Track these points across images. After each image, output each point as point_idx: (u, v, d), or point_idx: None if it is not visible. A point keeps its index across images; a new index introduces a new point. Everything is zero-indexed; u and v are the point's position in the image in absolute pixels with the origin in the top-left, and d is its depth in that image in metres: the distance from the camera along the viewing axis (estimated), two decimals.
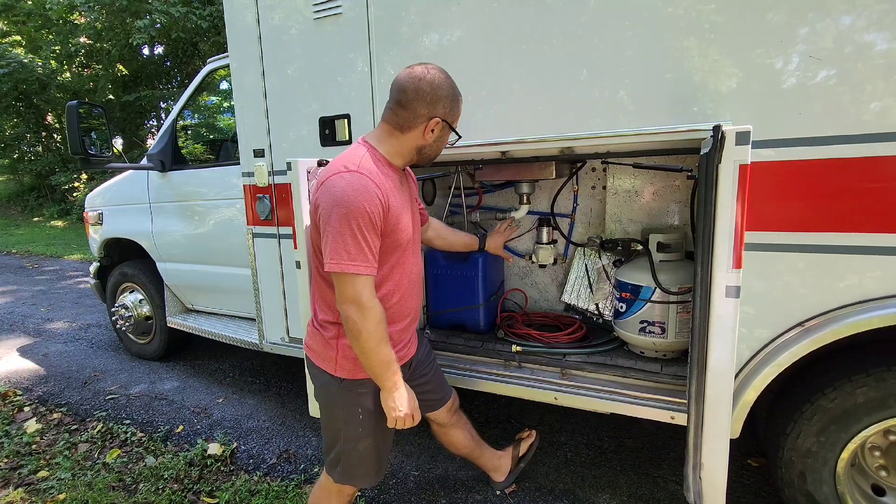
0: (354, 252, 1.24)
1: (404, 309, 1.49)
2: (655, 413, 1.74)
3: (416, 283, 1.54)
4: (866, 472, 1.63)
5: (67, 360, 3.90)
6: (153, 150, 3.25)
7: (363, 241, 1.25)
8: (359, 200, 1.24)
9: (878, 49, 1.30)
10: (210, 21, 10.27)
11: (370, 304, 1.28)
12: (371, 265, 1.28)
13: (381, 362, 1.32)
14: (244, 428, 2.77)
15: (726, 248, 1.23)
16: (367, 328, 1.27)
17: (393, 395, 1.37)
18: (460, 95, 1.43)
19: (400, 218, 1.36)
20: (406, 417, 1.40)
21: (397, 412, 1.38)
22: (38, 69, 12.42)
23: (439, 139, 1.43)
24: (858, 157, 1.35)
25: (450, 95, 1.38)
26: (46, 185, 14.96)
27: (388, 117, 1.40)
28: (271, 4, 2.22)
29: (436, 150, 1.45)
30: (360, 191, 1.25)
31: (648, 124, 1.57)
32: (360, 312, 1.27)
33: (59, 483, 2.31)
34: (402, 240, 1.39)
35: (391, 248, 1.37)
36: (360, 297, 1.27)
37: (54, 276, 7.36)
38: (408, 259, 1.46)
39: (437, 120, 1.36)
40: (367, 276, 1.27)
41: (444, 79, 1.37)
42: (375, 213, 1.26)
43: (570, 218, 2.41)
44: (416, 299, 1.55)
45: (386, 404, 1.40)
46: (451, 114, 1.40)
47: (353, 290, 1.26)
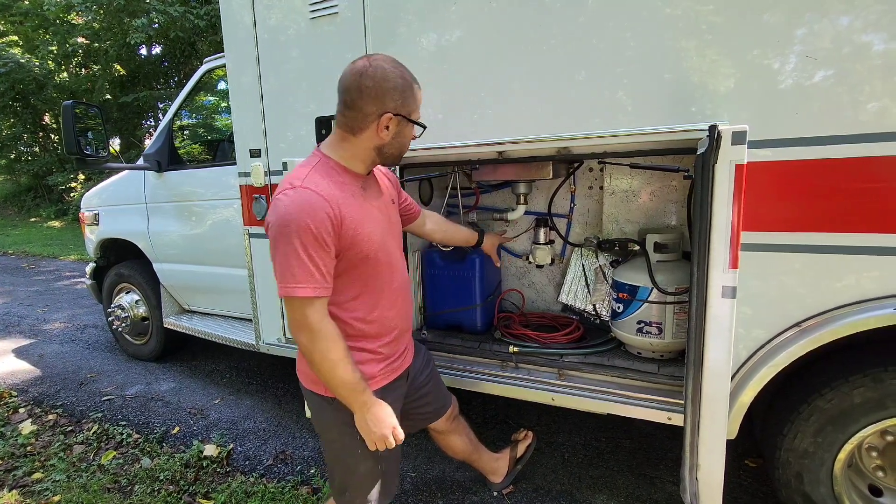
0: (300, 273, 1.17)
1: (387, 322, 1.41)
2: (652, 414, 1.74)
3: (399, 292, 1.44)
4: (863, 472, 1.63)
5: (63, 361, 3.89)
6: (149, 151, 3.24)
7: (309, 261, 1.17)
8: (301, 218, 1.15)
9: (876, 49, 1.30)
10: (208, 20, 10.25)
11: (319, 326, 1.20)
12: (320, 286, 1.20)
13: (342, 384, 1.24)
14: (240, 429, 2.76)
15: (722, 249, 1.23)
16: (320, 351, 1.21)
17: (365, 416, 1.29)
18: (415, 83, 1.30)
19: (359, 228, 1.26)
20: (386, 438, 1.31)
21: (374, 434, 1.29)
22: (35, 69, 12.39)
23: (399, 135, 1.30)
24: (856, 157, 1.34)
25: (398, 86, 1.25)
26: (43, 186, 14.91)
27: (339, 121, 1.30)
28: (268, 3, 2.21)
29: (398, 147, 1.33)
30: (303, 207, 1.16)
31: (647, 124, 1.57)
32: (310, 336, 1.21)
33: (54, 485, 2.30)
34: (368, 250, 1.29)
35: (356, 261, 1.29)
36: (308, 320, 1.19)
37: (51, 276, 7.34)
38: (381, 269, 1.36)
39: (388, 116, 1.24)
40: (316, 297, 1.19)
41: (390, 69, 1.24)
42: (322, 228, 1.17)
43: (568, 218, 2.40)
44: (400, 309, 1.46)
45: (360, 427, 1.32)
46: (404, 106, 1.27)
47: (300, 314, 1.20)
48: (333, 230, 1.20)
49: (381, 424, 1.29)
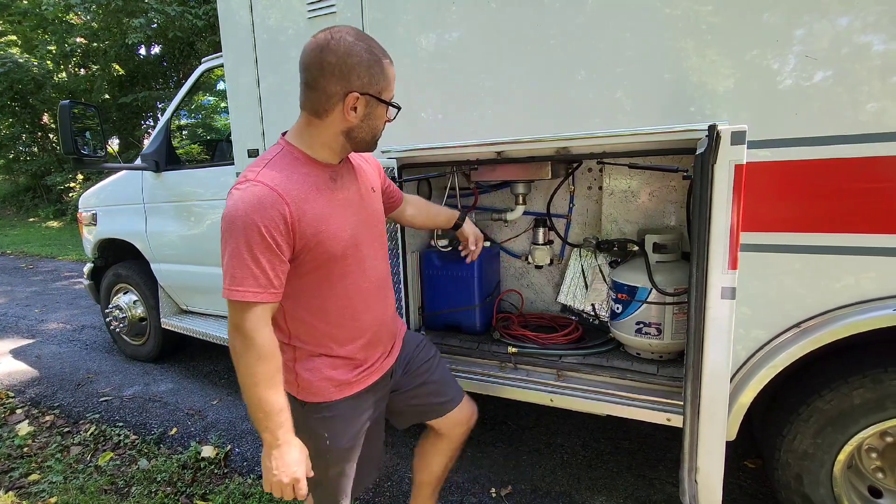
0: (241, 275, 1.06)
1: (361, 325, 1.29)
2: (652, 415, 1.73)
3: (374, 292, 1.32)
4: (863, 473, 1.62)
5: (61, 362, 3.87)
6: (147, 151, 3.23)
7: (253, 263, 1.06)
8: (249, 216, 1.04)
9: (875, 50, 1.30)
10: (206, 20, 10.23)
11: (253, 334, 1.08)
12: (263, 290, 1.08)
13: (258, 405, 1.10)
14: (238, 430, 2.75)
15: (722, 250, 1.22)
16: (246, 362, 1.09)
17: (271, 452, 1.13)
18: (382, 57, 1.15)
19: (322, 225, 1.14)
20: (284, 487, 1.14)
21: (272, 475, 1.13)
22: (34, 69, 12.37)
23: (369, 117, 1.16)
24: (855, 157, 1.34)
25: (364, 61, 1.10)
26: (42, 186, 14.89)
27: (303, 103, 1.17)
28: (266, 3, 2.21)
29: (371, 130, 1.19)
30: (252, 205, 1.05)
31: (646, 124, 1.56)
32: (242, 343, 1.09)
33: (50, 486, 2.29)
34: (335, 248, 1.17)
35: (322, 260, 1.17)
36: (243, 326, 1.08)
37: (49, 276, 7.32)
38: (350, 268, 1.23)
39: (354, 95, 1.11)
40: (257, 302, 1.08)
41: (354, 41, 1.10)
42: (273, 228, 1.06)
43: (567, 218, 2.40)
44: (377, 311, 1.34)
45: (263, 463, 1.17)
46: (373, 84, 1.13)
47: (235, 317, 1.09)
48: (288, 230, 1.08)
49: (284, 469, 1.13)
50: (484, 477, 2.24)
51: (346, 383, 1.29)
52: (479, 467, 2.31)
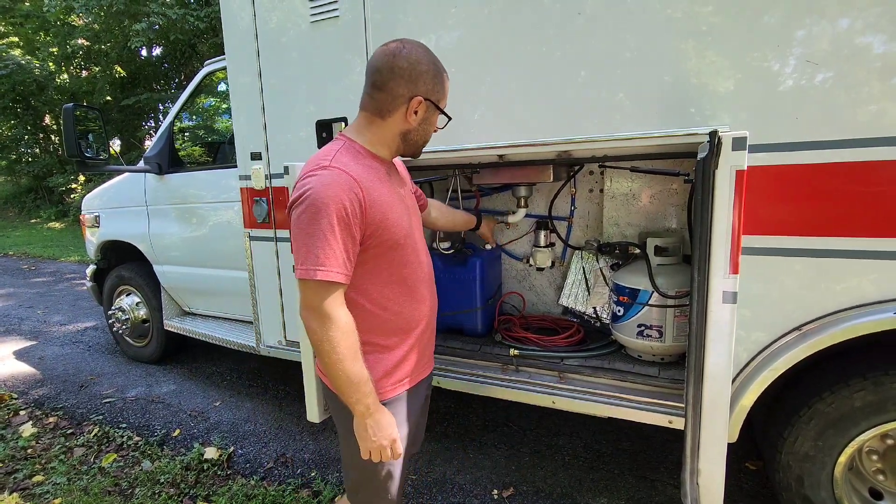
0: (324, 256, 1.10)
1: (418, 315, 1.33)
2: (653, 417, 1.74)
3: (428, 283, 1.38)
4: (864, 475, 1.63)
5: (64, 364, 3.89)
6: (150, 153, 3.24)
7: (334, 243, 1.10)
8: (329, 197, 1.09)
9: (876, 52, 1.30)
10: (208, 22, 10.26)
11: (334, 314, 1.12)
12: (342, 271, 1.12)
13: (347, 381, 1.15)
14: (241, 432, 2.76)
15: (723, 254, 1.23)
16: (329, 340, 1.12)
17: (366, 421, 1.19)
18: (445, 72, 1.26)
19: (388, 213, 1.20)
20: (382, 449, 1.21)
21: (371, 442, 1.20)
22: (36, 70, 12.41)
23: (425, 122, 1.26)
24: (855, 161, 1.35)
25: (431, 71, 1.21)
26: (44, 187, 14.93)
27: (366, 104, 1.24)
28: (269, 7, 2.22)
29: (423, 135, 1.28)
30: (332, 186, 1.10)
31: (646, 126, 1.57)
32: (322, 323, 1.12)
33: (54, 488, 2.30)
34: (398, 236, 1.23)
35: (385, 248, 1.22)
36: (322, 305, 1.12)
37: (51, 278, 7.34)
38: (410, 258, 1.28)
39: (419, 99, 1.20)
40: (338, 283, 1.12)
41: (424, 53, 1.21)
42: (350, 210, 1.11)
43: (568, 221, 2.40)
44: (429, 302, 1.38)
45: (358, 433, 1.22)
46: (434, 92, 1.23)
47: (317, 299, 1.12)
48: (362, 213, 1.14)
49: (381, 433, 1.20)
50: (485, 478, 2.25)
51: (399, 381, 1.31)
52: (480, 469, 2.32)
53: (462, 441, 2.56)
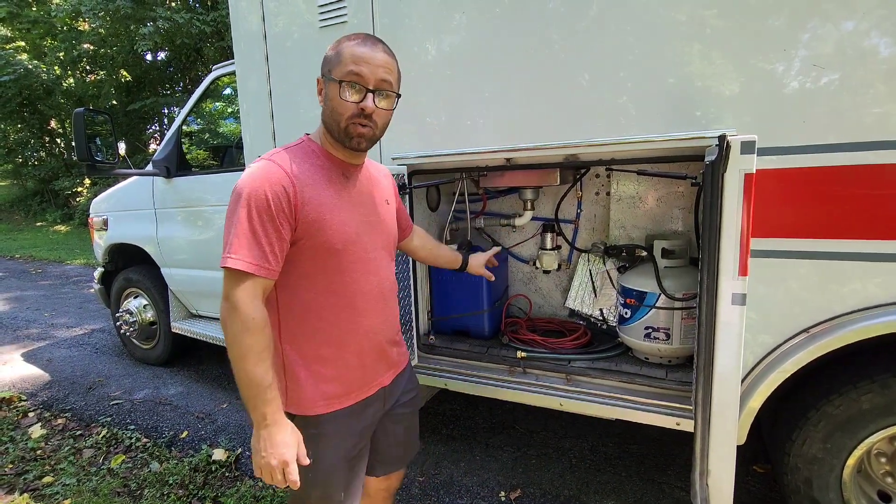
0: (240, 245, 1.05)
1: (357, 329, 1.24)
2: (661, 419, 1.74)
3: (376, 298, 1.26)
4: (872, 478, 1.63)
5: (72, 366, 3.91)
6: (158, 157, 3.27)
7: (252, 234, 1.06)
8: (252, 188, 1.06)
9: (882, 55, 1.31)
10: (214, 26, 10.33)
11: (244, 306, 1.05)
12: (260, 264, 1.06)
13: (247, 382, 1.06)
14: (248, 434, 2.77)
15: (732, 256, 1.24)
16: (234, 332, 1.05)
17: (259, 433, 1.08)
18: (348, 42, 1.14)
19: (326, 214, 1.13)
20: (273, 470, 1.08)
21: (260, 458, 1.08)
22: (43, 75, 12.51)
23: (326, 98, 1.16)
24: (863, 164, 1.36)
25: (331, 49, 1.15)
26: (49, 190, 15.02)
27: None
28: (277, 12, 2.24)
29: (328, 110, 1.16)
30: (258, 178, 1.07)
31: (651, 129, 1.58)
32: (231, 314, 1.06)
33: (64, 489, 2.32)
34: (337, 241, 1.15)
35: (323, 250, 1.15)
36: (235, 296, 1.05)
37: (57, 280, 7.38)
38: (351, 266, 1.19)
39: (318, 79, 1.18)
40: (252, 274, 1.06)
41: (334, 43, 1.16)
42: (274, 202, 1.06)
43: (574, 224, 2.42)
44: (375, 319, 1.27)
45: (252, 445, 1.11)
46: (326, 65, 1.15)
47: (228, 287, 1.07)
48: (290, 208, 1.08)
49: (273, 450, 1.07)
50: (493, 480, 2.25)
51: (334, 396, 1.22)
52: (487, 471, 2.33)
53: (469, 443, 2.57)
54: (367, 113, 1.12)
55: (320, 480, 1.22)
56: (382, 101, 1.15)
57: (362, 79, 1.11)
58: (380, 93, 1.14)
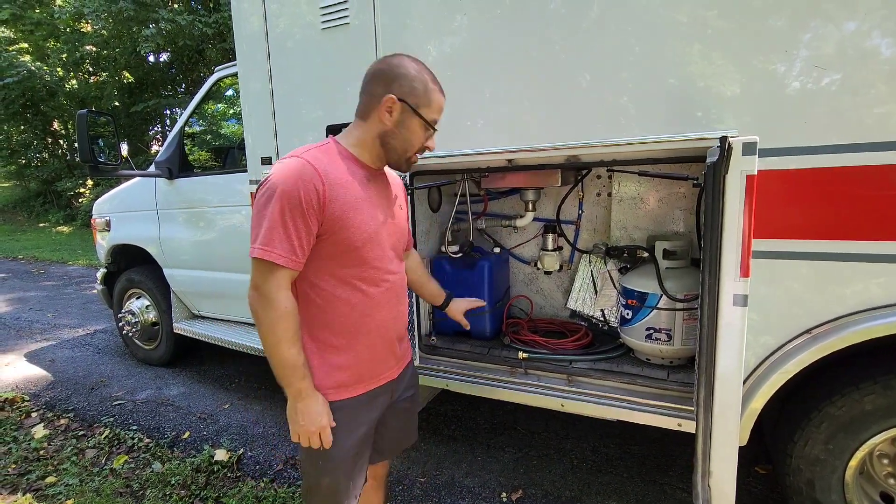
0: (273, 238, 1.12)
1: (369, 322, 1.29)
2: (662, 420, 1.74)
3: (388, 295, 1.33)
4: (875, 479, 1.63)
5: (74, 366, 3.92)
6: (161, 158, 3.28)
7: (283, 228, 1.12)
8: (287, 184, 1.12)
9: (883, 56, 1.31)
10: (216, 28, 10.36)
11: (275, 296, 1.14)
12: (290, 257, 1.14)
13: (281, 363, 1.17)
14: (250, 434, 2.78)
15: (734, 257, 1.24)
16: (268, 322, 1.15)
17: (296, 405, 1.21)
18: (431, 82, 1.24)
19: (351, 213, 1.19)
20: (311, 434, 1.21)
21: (299, 426, 1.21)
22: (46, 77, 12.56)
23: (401, 125, 1.23)
24: (864, 165, 1.35)
25: (410, 76, 1.21)
26: (52, 191, 15.08)
27: (356, 109, 1.29)
28: (279, 14, 2.25)
29: (401, 140, 1.25)
30: (292, 175, 1.13)
31: (652, 130, 1.58)
32: (263, 304, 1.15)
33: (66, 489, 2.32)
34: (358, 239, 1.21)
35: (344, 246, 1.21)
36: (266, 287, 1.14)
37: (60, 281, 7.40)
38: (370, 262, 1.26)
39: (392, 97, 1.19)
40: (283, 266, 1.14)
41: (412, 63, 1.23)
42: (305, 199, 1.12)
43: (576, 225, 2.42)
44: (385, 314, 1.33)
45: (289, 416, 1.23)
46: (412, 95, 1.21)
47: (261, 279, 1.15)
48: (320, 205, 1.15)
49: (309, 419, 1.20)
50: (494, 481, 2.25)
51: (346, 385, 1.28)
52: (489, 472, 2.33)
53: (470, 444, 2.57)
54: (428, 149, 1.31)
55: (330, 469, 1.29)
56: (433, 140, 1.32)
57: (436, 124, 1.28)
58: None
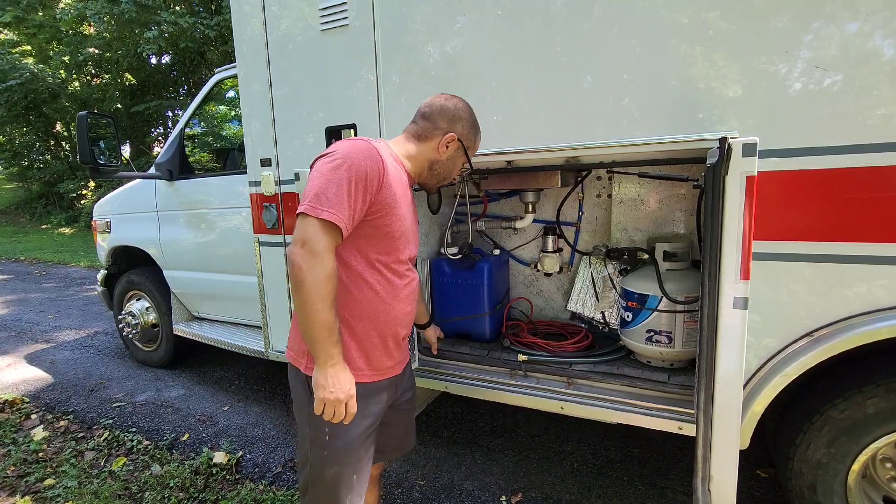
0: (334, 200, 1.15)
1: (390, 310, 1.34)
2: (663, 423, 1.73)
3: (410, 290, 1.40)
4: (878, 483, 1.61)
5: (74, 368, 3.92)
6: (161, 160, 3.28)
7: (346, 194, 1.16)
8: (356, 157, 1.19)
9: (885, 57, 1.30)
10: (217, 30, 10.39)
11: (323, 253, 1.14)
12: (343, 219, 1.16)
13: (320, 325, 1.15)
14: (249, 436, 2.77)
15: (734, 260, 1.23)
16: (314, 278, 1.13)
17: (327, 370, 1.18)
18: (480, 130, 1.50)
19: (396, 205, 1.27)
20: (337, 403, 1.20)
21: (328, 392, 1.18)
22: (48, 79, 12.61)
23: (452, 159, 1.44)
24: (866, 166, 1.34)
25: (470, 121, 1.44)
26: (54, 193, 15.12)
27: (410, 128, 1.45)
28: (279, 16, 2.25)
29: (446, 170, 1.46)
30: (361, 152, 1.21)
31: (654, 131, 1.57)
32: (311, 260, 1.13)
33: (65, 491, 2.32)
34: (397, 229, 1.29)
35: (384, 232, 1.27)
36: (314, 242, 1.13)
37: (61, 283, 7.42)
38: (399, 252, 1.33)
39: (453, 136, 1.39)
40: (337, 226, 1.15)
41: (468, 109, 1.45)
42: (369, 176, 1.19)
43: (576, 226, 2.41)
44: (405, 306, 1.38)
45: (316, 382, 1.21)
46: (467, 137, 1.43)
47: (312, 235, 1.14)
48: (377, 187, 1.22)
49: (339, 385, 1.19)
50: (494, 484, 2.24)
51: (357, 369, 1.31)
52: (488, 475, 2.31)
53: (470, 446, 2.56)
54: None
55: (336, 458, 1.30)
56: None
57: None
58: None
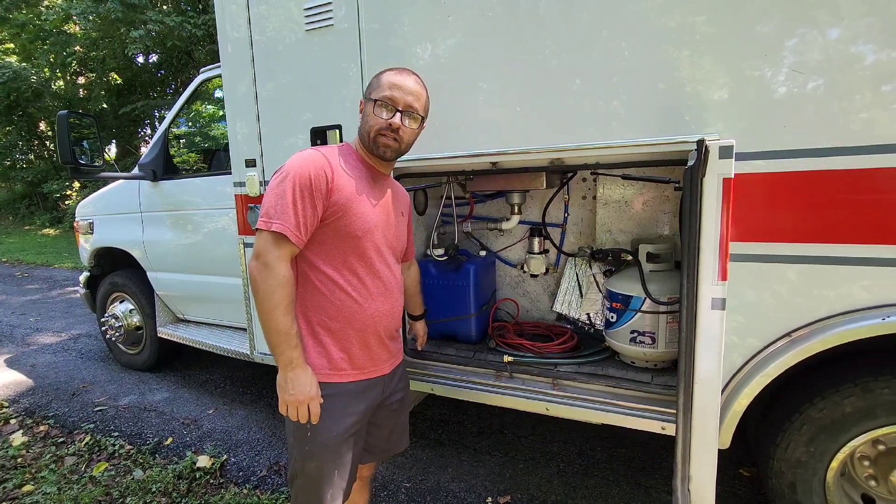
0: (280, 212, 1.22)
1: (368, 312, 1.36)
2: (646, 423, 1.74)
3: (383, 287, 1.40)
4: (856, 481, 1.63)
5: (56, 371, 3.86)
6: (145, 160, 3.24)
7: (292, 205, 1.22)
8: (298, 167, 1.25)
9: (867, 61, 1.32)
10: (205, 29, 10.30)
11: (274, 263, 1.22)
12: (293, 231, 1.23)
13: (276, 330, 1.23)
14: (234, 440, 2.74)
15: (711, 261, 1.24)
16: (266, 289, 1.22)
17: (286, 374, 1.25)
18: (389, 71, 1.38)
19: (352, 203, 1.30)
20: (299, 404, 1.25)
21: (289, 395, 1.25)
22: (32, 78, 12.41)
23: (364, 115, 1.39)
24: (847, 169, 1.36)
25: (378, 77, 1.37)
26: (38, 194, 14.87)
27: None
28: (263, 15, 2.23)
29: (365, 127, 1.37)
30: (304, 160, 1.27)
31: (641, 134, 1.58)
32: (262, 270, 1.22)
33: (44, 497, 2.27)
34: (357, 228, 1.31)
35: (344, 233, 1.30)
36: (265, 254, 1.22)
37: (44, 285, 7.29)
38: (369, 254, 1.35)
39: (361, 101, 1.41)
40: (286, 238, 1.22)
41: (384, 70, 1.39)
42: (315, 181, 1.24)
43: (562, 228, 2.42)
44: (380, 305, 1.39)
45: (278, 385, 1.28)
46: (369, 89, 1.38)
47: (263, 247, 1.23)
48: (326, 190, 1.26)
49: (298, 388, 1.25)
50: (480, 486, 2.24)
51: (339, 368, 1.34)
52: (475, 476, 2.31)
53: (456, 448, 2.55)
54: (393, 128, 1.33)
55: (317, 453, 1.32)
56: (408, 120, 1.35)
57: (393, 101, 1.32)
58: (407, 114, 1.34)
